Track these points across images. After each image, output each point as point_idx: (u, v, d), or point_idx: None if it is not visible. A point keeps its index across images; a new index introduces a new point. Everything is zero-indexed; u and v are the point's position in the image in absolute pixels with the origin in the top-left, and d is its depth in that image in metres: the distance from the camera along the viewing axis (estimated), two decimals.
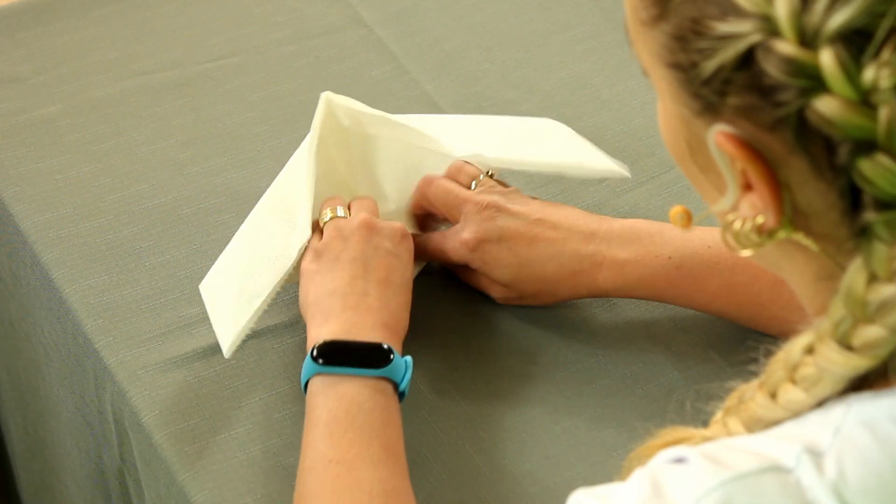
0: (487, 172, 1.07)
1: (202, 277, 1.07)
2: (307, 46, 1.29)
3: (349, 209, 1.03)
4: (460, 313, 1.06)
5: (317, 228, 1.02)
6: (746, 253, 0.69)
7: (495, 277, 1.03)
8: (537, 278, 1.02)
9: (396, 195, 1.10)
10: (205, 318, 1.04)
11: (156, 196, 1.15)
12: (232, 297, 1.00)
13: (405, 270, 0.99)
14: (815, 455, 0.65)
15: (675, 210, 0.75)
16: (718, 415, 0.73)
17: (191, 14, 1.32)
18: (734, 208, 0.68)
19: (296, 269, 1.01)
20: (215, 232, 1.11)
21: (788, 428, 0.67)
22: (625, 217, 1.12)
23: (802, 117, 0.62)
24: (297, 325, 1.04)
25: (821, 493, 0.63)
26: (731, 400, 0.72)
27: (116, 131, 1.20)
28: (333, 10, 1.33)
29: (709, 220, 0.74)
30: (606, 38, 1.30)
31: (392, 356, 0.93)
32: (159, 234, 1.12)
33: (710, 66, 0.64)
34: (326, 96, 1.06)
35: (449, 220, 1.06)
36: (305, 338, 1.03)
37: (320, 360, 0.92)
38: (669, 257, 1.00)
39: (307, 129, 1.08)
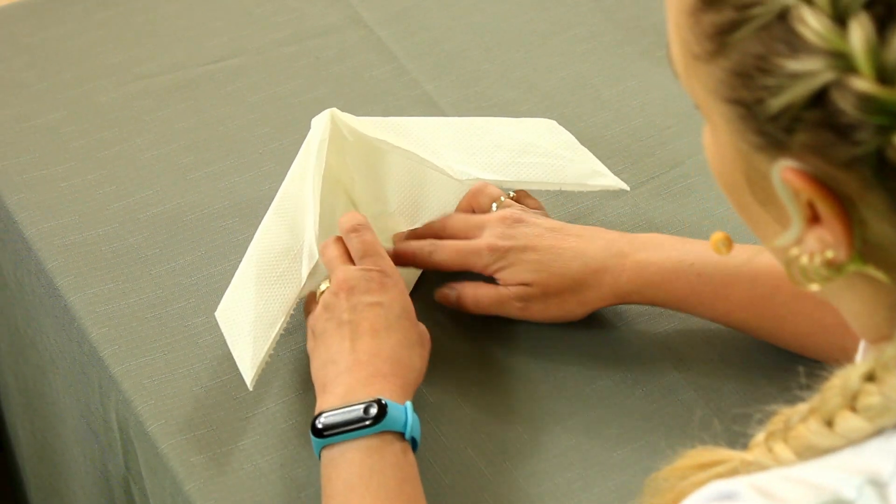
0: (508, 194, 1.08)
1: (208, 285, 1.08)
2: (307, 47, 1.29)
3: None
4: (460, 316, 1.06)
5: (314, 301, 1.01)
6: (814, 287, 0.66)
7: (518, 279, 1.02)
8: (561, 275, 1.01)
9: (396, 196, 1.11)
10: (211, 327, 1.04)
11: (160, 202, 1.15)
12: (249, 327, 1.00)
13: (389, 311, 0.97)
14: (878, 486, 0.63)
15: (716, 237, 0.74)
16: (759, 437, 0.70)
17: (191, 16, 1.32)
18: (798, 242, 0.66)
19: (308, 286, 1.01)
20: (220, 238, 1.12)
21: (845, 456, 0.65)
22: (624, 218, 1.14)
23: (881, 154, 0.60)
24: (302, 333, 1.04)
25: None
26: (774, 424, 0.69)
27: (120, 137, 1.20)
28: (333, 11, 1.33)
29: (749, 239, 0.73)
30: (606, 38, 1.30)
31: (386, 409, 0.91)
32: (164, 241, 1.12)
33: (777, 103, 0.61)
34: (332, 112, 1.05)
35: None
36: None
37: (323, 434, 0.91)
38: (692, 264, 1.00)
39: (308, 131, 1.08)
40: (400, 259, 1.06)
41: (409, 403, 0.93)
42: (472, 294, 1.05)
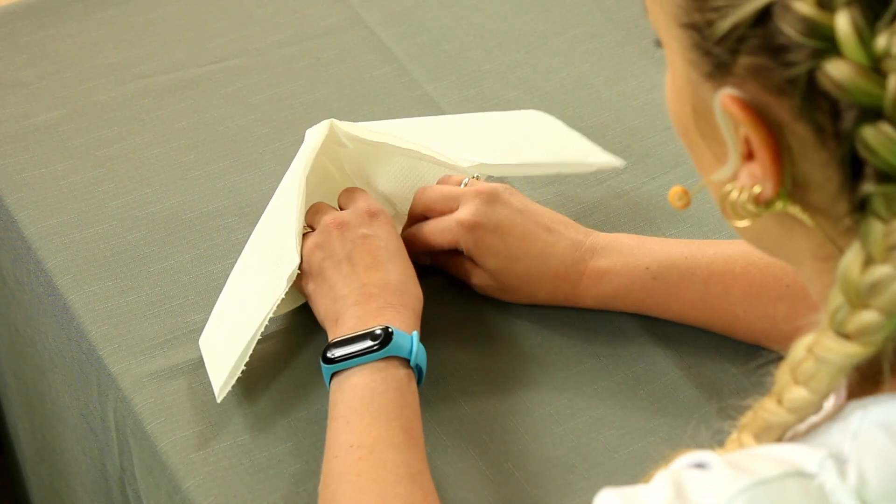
0: (474, 176, 1.09)
1: (207, 283, 1.08)
2: (308, 48, 1.29)
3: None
4: (461, 316, 1.06)
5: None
6: (743, 223, 0.69)
7: (482, 263, 1.04)
8: (521, 275, 1.04)
9: (398, 200, 1.11)
10: None
11: (159, 201, 1.15)
12: (222, 345, 1.00)
13: (388, 242, 1.00)
14: (839, 461, 0.64)
15: (674, 191, 0.75)
16: (734, 434, 0.72)
17: (192, 16, 1.32)
18: (733, 178, 0.68)
19: (286, 299, 1.01)
20: (219, 236, 1.12)
21: (815, 437, 0.68)
22: (624, 219, 1.13)
23: (811, 81, 0.62)
24: (299, 330, 1.04)
25: (843, 497, 0.63)
26: (745, 417, 0.71)
27: (119, 135, 1.20)
28: (334, 12, 1.33)
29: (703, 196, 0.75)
30: (606, 38, 1.30)
31: (392, 335, 0.94)
32: (163, 239, 1.12)
33: (725, 24, 0.64)
34: (330, 123, 1.06)
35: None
36: (309, 343, 1.04)
37: (333, 361, 0.94)
38: (647, 267, 1.02)
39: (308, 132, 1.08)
40: None
41: (415, 333, 0.96)
42: (447, 260, 1.08)
